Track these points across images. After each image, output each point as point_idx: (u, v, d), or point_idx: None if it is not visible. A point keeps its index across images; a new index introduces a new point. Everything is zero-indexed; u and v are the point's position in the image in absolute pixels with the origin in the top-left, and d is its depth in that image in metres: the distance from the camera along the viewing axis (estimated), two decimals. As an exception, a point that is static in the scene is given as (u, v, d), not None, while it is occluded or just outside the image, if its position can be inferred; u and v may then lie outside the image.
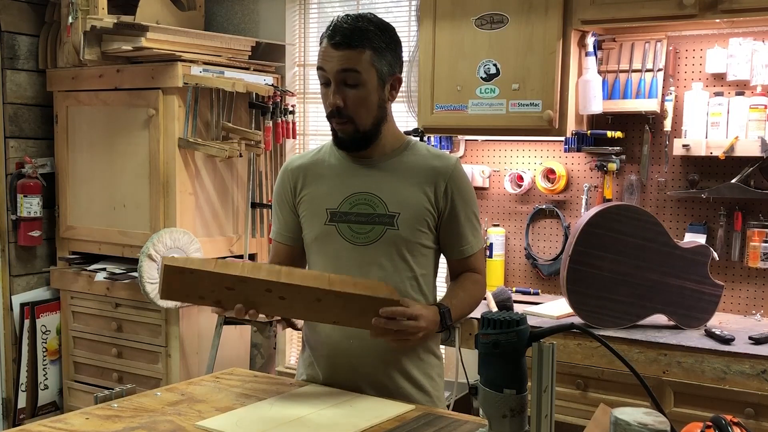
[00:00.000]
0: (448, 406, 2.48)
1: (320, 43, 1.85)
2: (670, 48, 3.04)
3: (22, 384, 4.01)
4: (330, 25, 1.82)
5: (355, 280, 1.75)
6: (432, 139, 3.32)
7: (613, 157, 3.12)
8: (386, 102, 1.88)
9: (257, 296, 1.68)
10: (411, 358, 1.90)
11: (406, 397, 1.88)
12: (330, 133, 1.94)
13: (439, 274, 2.03)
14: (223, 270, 1.65)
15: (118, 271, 3.78)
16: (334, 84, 1.82)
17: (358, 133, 1.86)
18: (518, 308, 2.98)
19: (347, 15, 1.84)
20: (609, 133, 3.12)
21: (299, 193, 1.97)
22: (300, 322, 2.01)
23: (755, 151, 2.80)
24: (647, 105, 3.03)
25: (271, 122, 3.73)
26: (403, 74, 2.05)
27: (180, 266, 1.63)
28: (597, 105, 3.02)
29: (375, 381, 1.88)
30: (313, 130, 4.08)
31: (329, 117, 1.87)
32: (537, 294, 3.33)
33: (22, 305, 4.02)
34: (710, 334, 2.62)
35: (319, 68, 1.85)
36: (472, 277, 1.97)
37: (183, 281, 1.65)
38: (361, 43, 1.79)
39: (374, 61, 1.81)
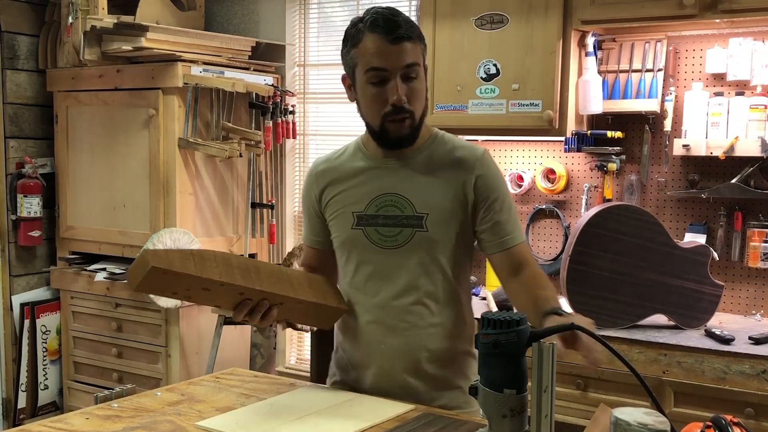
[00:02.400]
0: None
1: (359, 42, 1.75)
2: (670, 48, 3.04)
3: (22, 384, 4.01)
4: (373, 20, 1.73)
5: (311, 281, 1.83)
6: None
7: (613, 157, 3.12)
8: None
9: (229, 297, 1.68)
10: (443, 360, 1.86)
11: (437, 399, 1.84)
12: (341, 135, 1.92)
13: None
14: (203, 273, 1.61)
15: (118, 271, 3.78)
16: (398, 79, 1.73)
17: (412, 127, 1.79)
18: (518, 308, 2.98)
19: (386, 9, 1.76)
20: (609, 133, 3.11)
21: (325, 198, 1.91)
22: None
23: (755, 151, 2.80)
24: (647, 105, 3.03)
25: (271, 122, 3.73)
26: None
27: (165, 268, 1.57)
28: (597, 105, 3.02)
29: (405, 384, 1.84)
30: (313, 130, 4.08)
31: (387, 115, 1.76)
32: (537, 294, 3.32)
33: (22, 305, 4.02)
34: (710, 334, 2.62)
35: (373, 68, 1.73)
36: (531, 271, 1.81)
37: (163, 280, 1.60)
38: (416, 34, 1.76)
39: (422, 51, 1.79)
